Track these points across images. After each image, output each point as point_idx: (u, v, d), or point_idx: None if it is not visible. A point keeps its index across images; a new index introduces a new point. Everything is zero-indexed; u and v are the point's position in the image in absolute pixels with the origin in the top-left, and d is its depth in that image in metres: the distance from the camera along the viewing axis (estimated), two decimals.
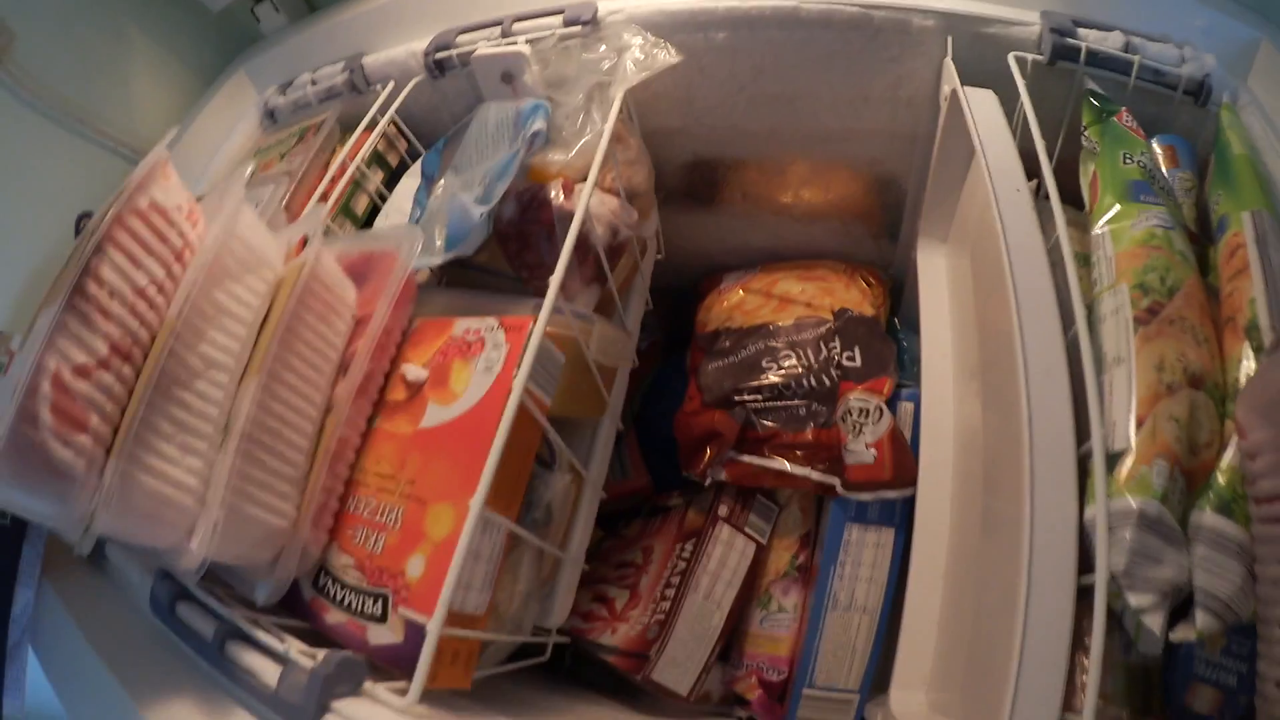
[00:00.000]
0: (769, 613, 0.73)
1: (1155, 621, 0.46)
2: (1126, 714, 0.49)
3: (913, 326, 0.76)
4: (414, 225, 0.67)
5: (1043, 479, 0.47)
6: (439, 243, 0.65)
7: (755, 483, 0.73)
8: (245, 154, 0.91)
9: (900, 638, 0.63)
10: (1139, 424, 0.49)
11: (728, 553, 0.73)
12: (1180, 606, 0.47)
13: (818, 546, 0.73)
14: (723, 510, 0.74)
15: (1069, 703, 0.43)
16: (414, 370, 0.60)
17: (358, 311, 0.62)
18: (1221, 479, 0.48)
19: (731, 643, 0.74)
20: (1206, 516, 0.47)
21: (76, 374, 0.48)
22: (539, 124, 0.65)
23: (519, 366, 0.53)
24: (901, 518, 0.69)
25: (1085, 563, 0.46)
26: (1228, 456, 0.49)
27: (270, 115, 0.93)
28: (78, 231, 0.81)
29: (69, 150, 0.86)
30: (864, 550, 0.69)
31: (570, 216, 0.64)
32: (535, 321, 0.54)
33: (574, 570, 0.64)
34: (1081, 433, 0.49)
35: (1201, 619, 0.45)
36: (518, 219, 0.66)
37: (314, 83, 0.89)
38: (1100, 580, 0.44)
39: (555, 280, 0.55)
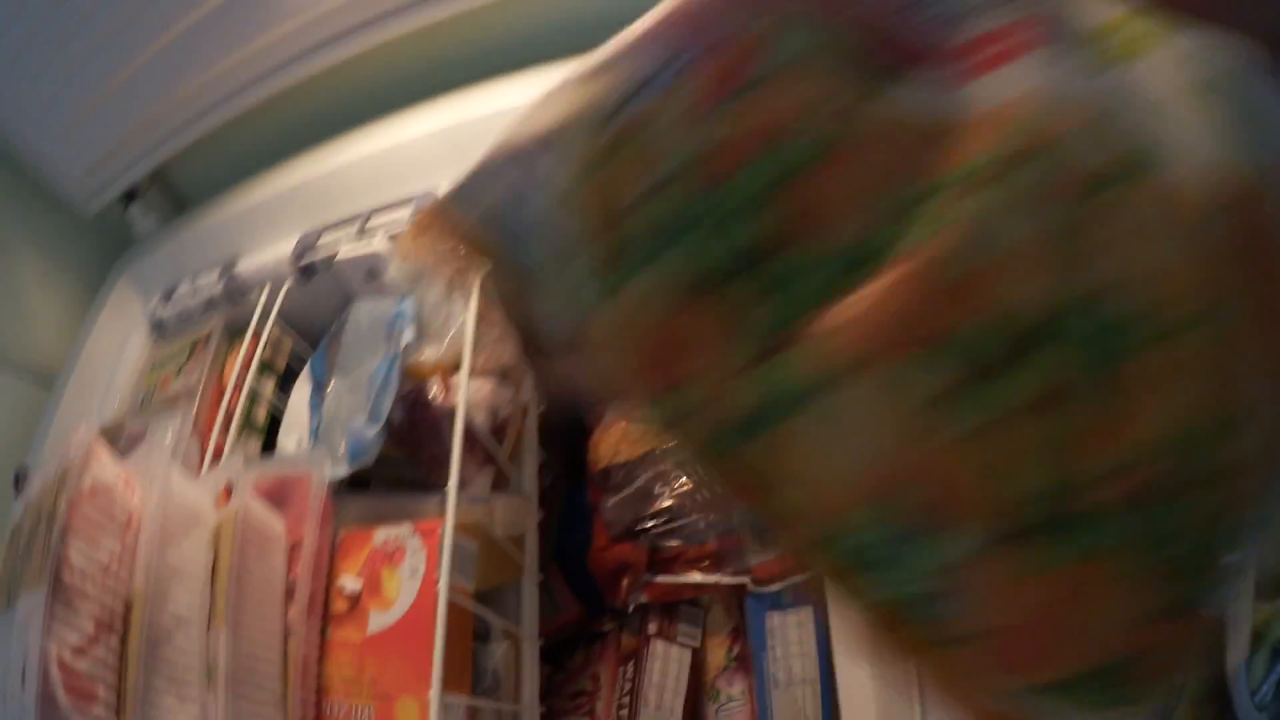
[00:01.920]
0: (720, 704, 0.95)
1: None
2: None
3: None
4: (319, 448, 0.88)
5: None
6: (342, 453, 0.87)
7: (676, 597, 0.96)
8: (142, 370, 1.12)
9: (840, 701, 0.81)
10: None
11: (666, 664, 0.95)
12: None
13: (747, 636, 0.96)
14: (652, 629, 0.97)
15: None
16: (350, 583, 0.82)
17: (287, 539, 0.84)
18: None
19: None
20: None
21: (76, 654, 0.69)
22: (409, 334, 0.86)
23: (440, 568, 0.75)
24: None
25: None
26: None
27: (159, 326, 1.14)
28: (16, 486, 1.02)
29: None
30: (788, 631, 0.91)
31: (453, 412, 0.86)
32: (444, 524, 0.76)
33: (533, 715, 0.86)
34: None
35: None
36: (406, 421, 0.88)
37: (194, 293, 1.10)
38: None
39: (452, 487, 0.77)
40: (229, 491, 0.83)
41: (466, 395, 0.83)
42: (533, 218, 0.26)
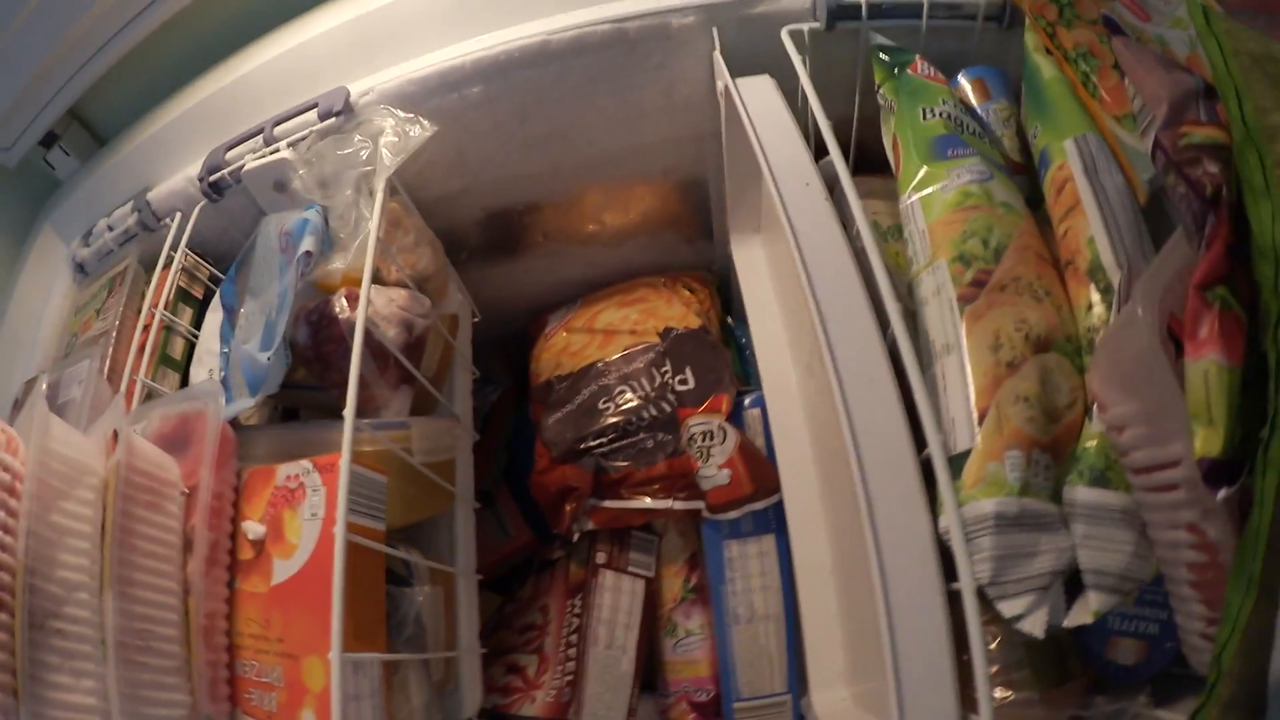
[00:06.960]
0: (678, 639, 0.84)
1: (1036, 624, 0.48)
2: (1038, 693, 0.52)
3: (747, 320, 0.85)
4: (215, 381, 0.77)
5: (881, 497, 0.49)
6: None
7: (624, 523, 0.84)
8: (66, 316, 1.01)
9: (805, 639, 0.71)
10: (981, 417, 0.51)
11: (617, 597, 0.84)
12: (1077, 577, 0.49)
13: (705, 566, 0.84)
14: (600, 558, 0.85)
15: (971, 704, 0.45)
16: (254, 528, 0.70)
17: (185, 484, 0.72)
18: (1091, 447, 0.50)
19: (654, 673, 0.86)
20: (1080, 492, 0.50)
21: None
22: (308, 244, 0.74)
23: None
24: (777, 521, 0.80)
25: (952, 569, 0.47)
26: (1094, 425, 0.51)
27: (80, 269, 1.03)
28: None
29: None
30: (749, 562, 0.80)
31: None
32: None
33: (472, 659, 0.75)
34: (920, 439, 0.51)
35: (1096, 600, 0.48)
36: (311, 342, 0.76)
37: (110, 228, 0.98)
38: (967, 593, 0.45)
39: (349, 412, 0.65)
40: (116, 439, 0.72)
41: (374, 307, 0.70)
42: None
